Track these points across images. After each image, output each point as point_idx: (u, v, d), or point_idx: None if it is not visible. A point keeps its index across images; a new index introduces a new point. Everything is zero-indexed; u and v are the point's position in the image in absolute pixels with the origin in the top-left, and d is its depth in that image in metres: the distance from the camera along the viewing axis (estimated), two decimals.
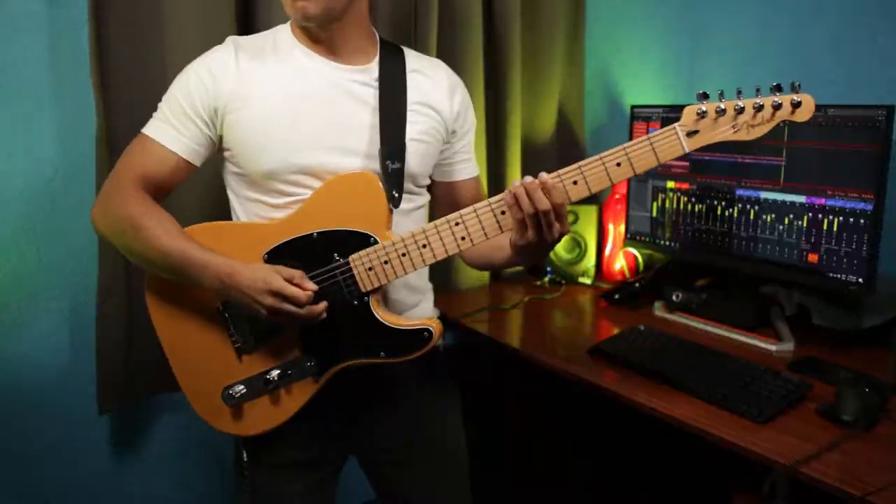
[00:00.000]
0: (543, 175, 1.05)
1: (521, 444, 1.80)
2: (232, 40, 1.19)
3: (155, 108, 1.17)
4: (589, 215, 2.07)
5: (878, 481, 1.03)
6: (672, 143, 1.06)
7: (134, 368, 1.60)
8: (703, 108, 1.05)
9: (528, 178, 1.05)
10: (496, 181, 2.10)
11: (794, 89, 1.04)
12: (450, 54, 1.90)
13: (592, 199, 2.13)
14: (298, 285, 1.09)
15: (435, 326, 1.15)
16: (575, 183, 1.07)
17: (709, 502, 1.72)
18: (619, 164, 1.07)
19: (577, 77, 2.26)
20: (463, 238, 1.11)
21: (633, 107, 1.88)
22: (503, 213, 1.09)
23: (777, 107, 1.03)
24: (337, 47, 1.18)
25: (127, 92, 1.48)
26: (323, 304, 1.11)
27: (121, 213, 1.12)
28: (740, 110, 1.04)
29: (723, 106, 1.04)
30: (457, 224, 1.11)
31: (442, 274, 2.03)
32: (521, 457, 1.81)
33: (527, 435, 1.80)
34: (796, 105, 1.03)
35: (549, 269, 2.11)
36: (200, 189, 1.55)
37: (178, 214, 1.31)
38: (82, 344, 1.60)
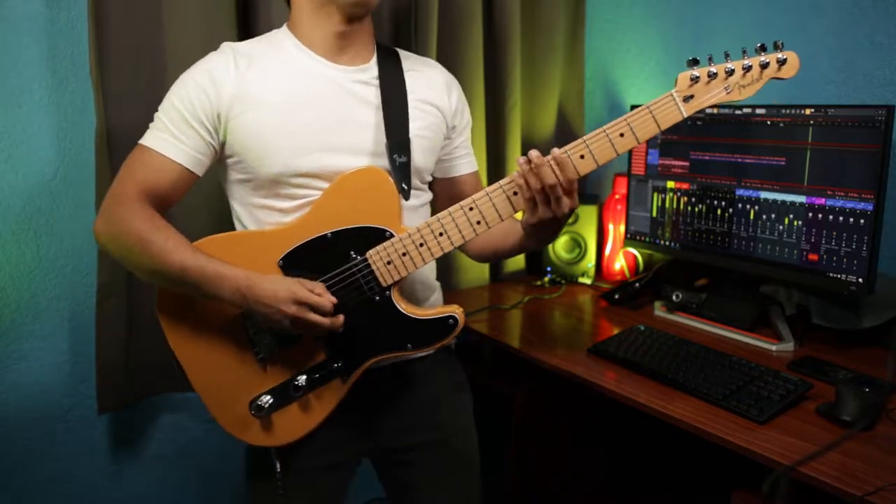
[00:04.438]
0: (555, 151, 1.07)
1: (521, 443, 1.80)
2: (228, 45, 1.18)
3: (155, 109, 1.16)
4: (589, 215, 2.07)
5: (877, 481, 1.03)
6: (670, 109, 1.08)
7: (134, 368, 1.59)
8: (696, 73, 1.07)
9: (535, 153, 1.06)
10: (496, 181, 2.10)
11: (777, 47, 1.07)
12: (450, 54, 1.90)
13: (592, 198, 2.14)
14: (320, 295, 1.08)
15: (459, 313, 1.15)
16: (582, 157, 1.09)
17: (708, 501, 1.73)
18: (622, 135, 1.09)
19: (577, 77, 2.26)
20: (478, 222, 1.12)
21: (633, 107, 1.87)
22: (515, 193, 1.11)
23: (764, 65, 1.06)
24: (346, 46, 1.18)
25: (127, 92, 1.48)
26: (342, 317, 1.11)
27: (127, 229, 1.09)
28: (730, 72, 1.06)
29: (714, 69, 1.07)
30: (471, 209, 1.12)
31: (442, 274, 2.02)
32: (520, 456, 1.80)
33: (527, 435, 1.80)
34: (782, 62, 1.06)
35: (549, 268, 2.11)
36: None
37: (182, 227, 1.30)
38: (82, 344, 1.60)
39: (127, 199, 1.11)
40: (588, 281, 2.08)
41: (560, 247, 2.11)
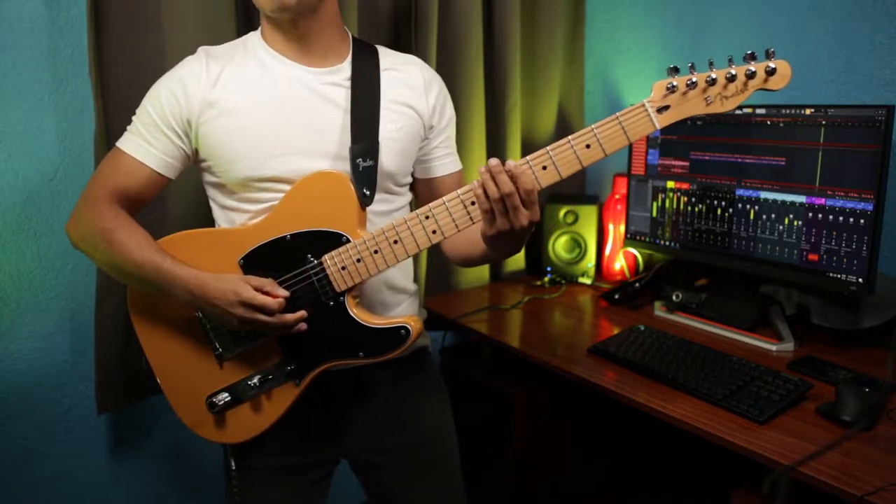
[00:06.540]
0: (509, 162, 1.02)
1: (521, 443, 1.80)
2: (203, 50, 1.19)
3: None
4: (589, 215, 2.07)
5: (877, 481, 1.03)
6: (642, 120, 1.01)
7: (133, 368, 1.59)
8: (673, 83, 1.00)
9: (494, 161, 1.01)
10: None
11: (769, 56, 0.99)
12: (450, 54, 1.90)
13: (592, 199, 2.15)
14: (269, 293, 1.09)
15: (413, 324, 1.14)
16: (544, 168, 1.04)
17: (708, 501, 1.73)
18: (588, 146, 1.02)
19: (577, 77, 2.26)
20: (434, 231, 1.09)
21: None
22: (472, 203, 1.06)
23: (750, 75, 0.99)
24: (309, 47, 1.17)
25: (127, 92, 1.47)
26: (299, 313, 1.11)
27: (94, 227, 1.13)
28: (712, 82, 1.00)
29: (694, 78, 0.99)
30: (427, 217, 1.09)
31: (442, 274, 2.03)
32: (520, 456, 1.81)
33: (527, 435, 1.80)
34: (770, 72, 0.99)
35: (548, 268, 2.11)
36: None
37: (162, 224, 1.28)
38: (82, 344, 1.61)
39: (96, 200, 1.15)
40: (588, 281, 2.08)
41: (560, 247, 2.11)
